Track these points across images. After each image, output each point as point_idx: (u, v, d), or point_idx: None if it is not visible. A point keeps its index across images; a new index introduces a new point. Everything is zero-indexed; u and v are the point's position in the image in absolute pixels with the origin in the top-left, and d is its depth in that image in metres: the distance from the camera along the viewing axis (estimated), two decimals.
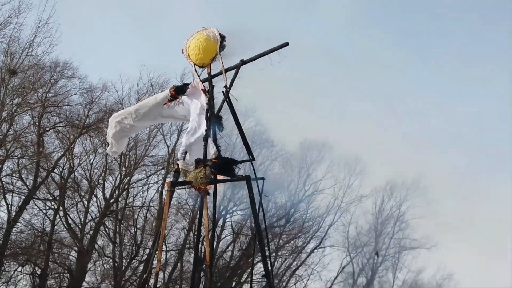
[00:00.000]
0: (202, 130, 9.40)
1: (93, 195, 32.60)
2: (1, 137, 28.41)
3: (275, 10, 49.39)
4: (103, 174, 32.82)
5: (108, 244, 33.54)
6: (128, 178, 32.81)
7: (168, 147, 33.71)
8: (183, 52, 9.80)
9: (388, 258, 43.88)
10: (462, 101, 59.94)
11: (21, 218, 30.12)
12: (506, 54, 52.33)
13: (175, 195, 30.13)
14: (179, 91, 9.84)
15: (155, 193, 34.10)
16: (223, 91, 9.54)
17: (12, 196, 30.39)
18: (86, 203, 32.31)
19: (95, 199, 32.74)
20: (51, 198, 31.78)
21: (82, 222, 31.97)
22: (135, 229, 33.62)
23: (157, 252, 9.41)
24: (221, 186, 12.07)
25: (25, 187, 30.55)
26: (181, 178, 9.49)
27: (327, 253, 40.86)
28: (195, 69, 9.78)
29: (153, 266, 12.65)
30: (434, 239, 43.24)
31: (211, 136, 9.40)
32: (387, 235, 43.90)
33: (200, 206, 9.51)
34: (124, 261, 32.87)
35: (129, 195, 33.65)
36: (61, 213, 31.45)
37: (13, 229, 29.75)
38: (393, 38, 62.39)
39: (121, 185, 32.82)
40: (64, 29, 32.94)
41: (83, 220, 32.04)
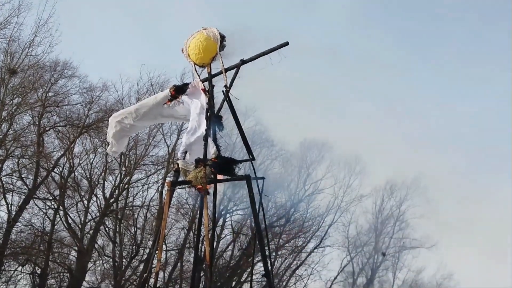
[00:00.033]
0: (202, 130, 9.39)
1: (93, 195, 32.59)
2: (1, 136, 28.40)
3: (275, 10, 49.46)
4: (103, 174, 32.83)
5: (108, 243, 33.54)
6: (128, 177, 32.81)
7: (168, 146, 33.73)
8: (183, 52, 9.79)
9: (388, 258, 43.91)
10: (462, 101, 59.94)
11: (21, 217, 30.14)
12: (506, 54, 52.42)
13: (175, 195, 30.07)
14: (179, 90, 9.83)
15: (155, 192, 34.13)
16: (223, 91, 9.53)
17: (12, 195, 30.44)
18: (86, 202, 32.31)
19: (95, 198, 32.76)
20: (51, 198, 31.77)
21: (82, 222, 31.98)
22: (135, 229, 33.61)
23: (157, 252, 9.41)
24: (221, 185, 12.08)
25: (25, 187, 30.56)
26: (181, 178, 9.47)
27: (327, 252, 40.88)
28: (195, 68, 9.77)
29: (153, 266, 12.65)
30: (434, 238, 43.27)
31: (211, 135, 9.38)
32: (387, 234, 43.92)
33: (200, 205, 9.48)
34: (124, 260, 32.87)
35: (129, 194, 33.65)
36: (61, 212, 31.45)
37: (13, 228, 29.75)
38: (393, 38, 62.41)
39: (121, 185, 32.82)
40: (64, 28, 33.08)
41: (83, 219, 32.05)
